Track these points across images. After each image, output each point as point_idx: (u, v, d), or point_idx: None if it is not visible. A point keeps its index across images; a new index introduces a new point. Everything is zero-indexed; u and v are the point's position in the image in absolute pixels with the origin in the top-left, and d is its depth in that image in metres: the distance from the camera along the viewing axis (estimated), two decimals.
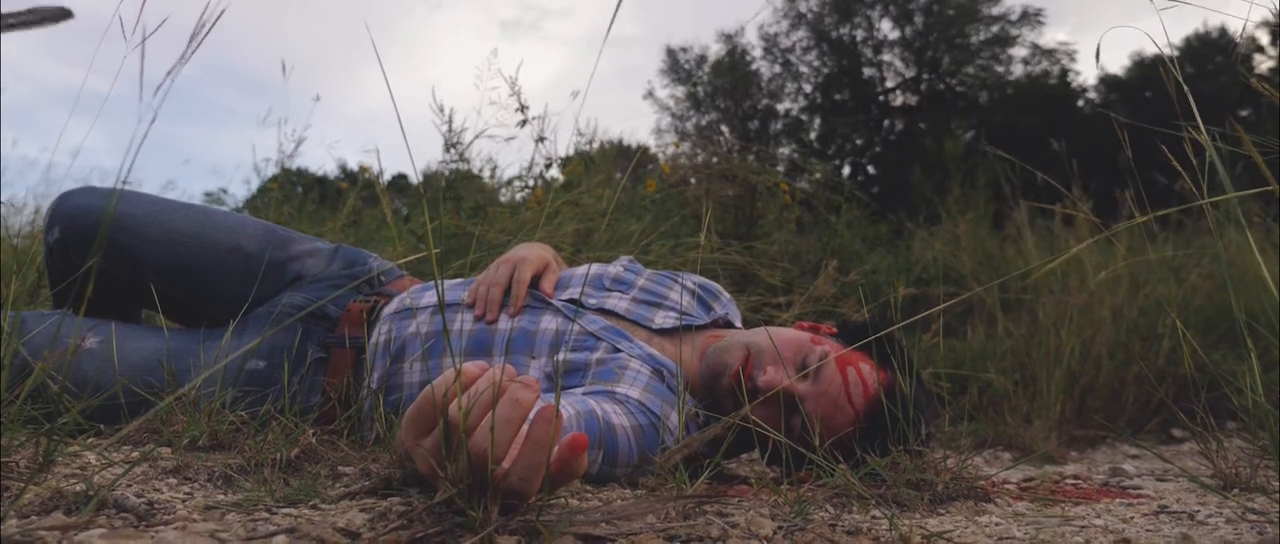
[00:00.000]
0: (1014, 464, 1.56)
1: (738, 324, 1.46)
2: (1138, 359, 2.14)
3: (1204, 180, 0.97)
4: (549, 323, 1.27)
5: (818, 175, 4.21)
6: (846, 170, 18.97)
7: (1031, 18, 18.80)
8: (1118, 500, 1.08)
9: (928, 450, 1.11)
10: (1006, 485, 1.20)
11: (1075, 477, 1.38)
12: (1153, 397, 2.08)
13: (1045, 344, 2.12)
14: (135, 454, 1.00)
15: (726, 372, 1.20)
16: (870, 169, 19.48)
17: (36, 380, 0.89)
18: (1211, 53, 19.11)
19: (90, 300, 1.46)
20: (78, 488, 0.75)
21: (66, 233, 1.45)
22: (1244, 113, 14.62)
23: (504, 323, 1.28)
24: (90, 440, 1.07)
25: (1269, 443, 1.00)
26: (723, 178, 3.18)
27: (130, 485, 0.84)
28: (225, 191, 4.66)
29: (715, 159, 3.54)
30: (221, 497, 0.84)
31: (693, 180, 3.57)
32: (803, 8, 19.14)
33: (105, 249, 1.42)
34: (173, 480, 0.90)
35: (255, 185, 4.31)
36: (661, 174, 3.56)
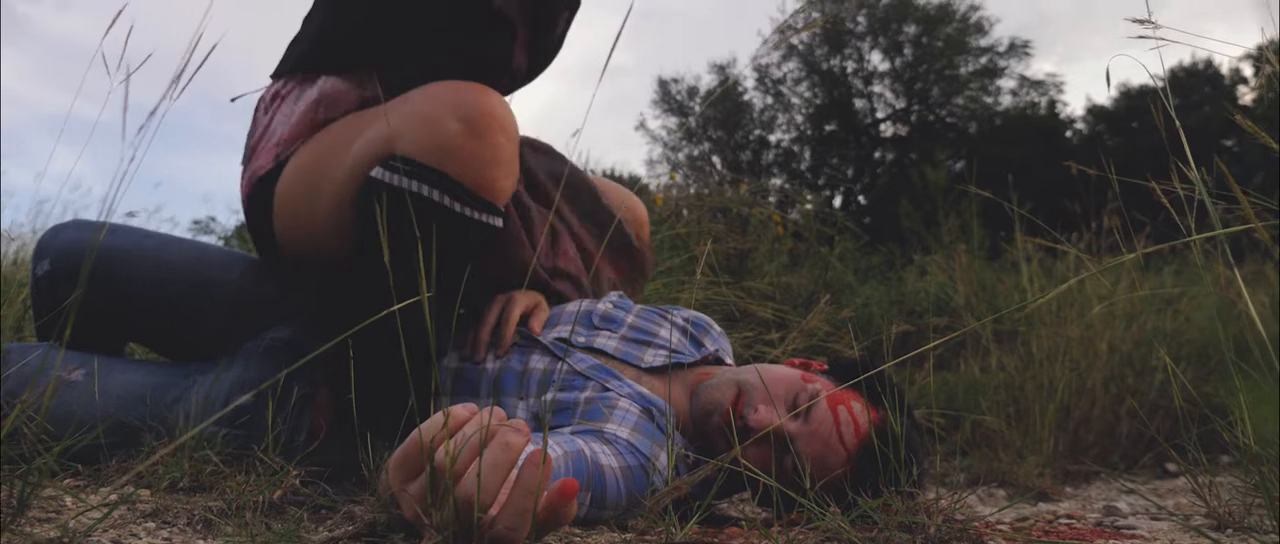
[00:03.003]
0: (1009, 502, 1.54)
1: (729, 359, 1.45)
2: (1131, 393, 2.13)
3: (1191, 217, 0.97)
4: (537, 362, 1.26)
5: (809, 206, 4.22)
6: (838, 201, 19.05)
7: (1019, 49, 19.03)
8: (1111, 542, 1.07)
9: (920, 491, 1.10)
10: (1000, 526, 1.19)
11: (1069, 516, 1.36)
12: (1147, 430, 2.07)
13: (1038, 377, 2.11)
14: (113, 496, 0.99)
15: (717, 410, 1.18)
16: (861, 199, 19.57)
17: (15, 420, 0.88)
18: (1197, 84, 19.33)
19: (78, 334, 1.44)
20: (52, 535, 0.74)
21: (57, 266, 1.44)
22: (1228, 142, 14.79)
23: (492, 362, 1.27)
24: (67, 482, 1.05)
25: (1260, 481, 0.99)
26: (715, 210, 3.18)
27: (107, 531, 0.83)
28: (213, 219, 4.65)
29: (706, 191, 3.54)
30: (201, 542, 0.82)
31: (685, 211, 3.58)
32: (794, 40, 19.30)
33: (95, 282, 1.41)
34: (151, 524, 0.88)
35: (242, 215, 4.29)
36: (654, 205, 3.57)
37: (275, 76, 1.45)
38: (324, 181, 1.28)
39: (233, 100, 1.53)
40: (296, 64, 1.42)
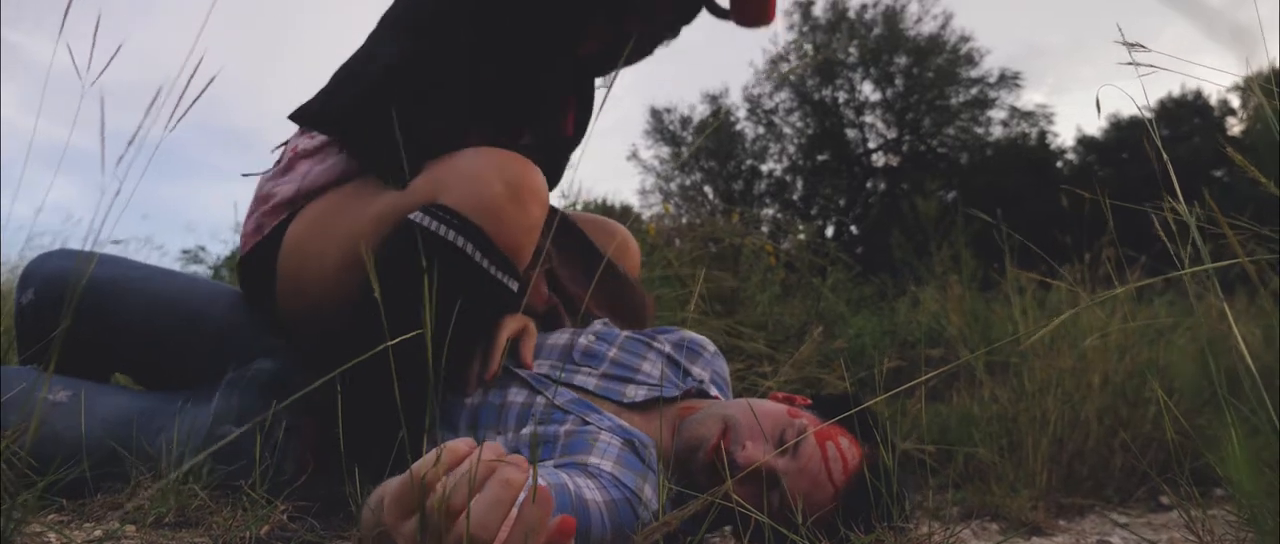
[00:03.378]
0: (1002, 537, 1.54)
1: (716, 388, 1.44)
2: (1124, 425, 2.12)
3: (1187, 250, 0.97)
4: (516, 396, 1.25)
5: (802, 235, 4.23)
6: (830, 231, 19.12)
7: (1009, 80, 19.19)
8: None
9: (911, 527, 1.09)
10: None
11: None
12: (1140, 464, 2.06)
13: (1032, 410, 2.11)
14: (98, 533, 0.98)
15: (702, 446, 1.17)
16: (853, 229, 19.64)
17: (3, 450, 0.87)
18: (1186, 115, 19.53)
19: (63, 363, 1.43)
20: None
21: (41, 295, 1.43)
22: (1218, 173, 14.91)
23: (475, 396, 1.26)
24: (51, 517, 1.03)
25: (1253, 516, 0.98)
26: (707, 240, 3.19)
27: None
28: (203, 249, 4.63)
29: (698, 221, 3.55)
30: None
31: (677, 241, 3.59)
32: (785, 69, 19.46)
33: (81, 312, 1.40)
34: None
35: (234, 243, 4.29)
36: (647, 235, 3.57)
37: (293, 119, 1.47)
38: (343, 222, 1.30)
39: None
40: (315, 120, 1.43)
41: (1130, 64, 1.03)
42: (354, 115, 1.36)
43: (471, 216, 1.16)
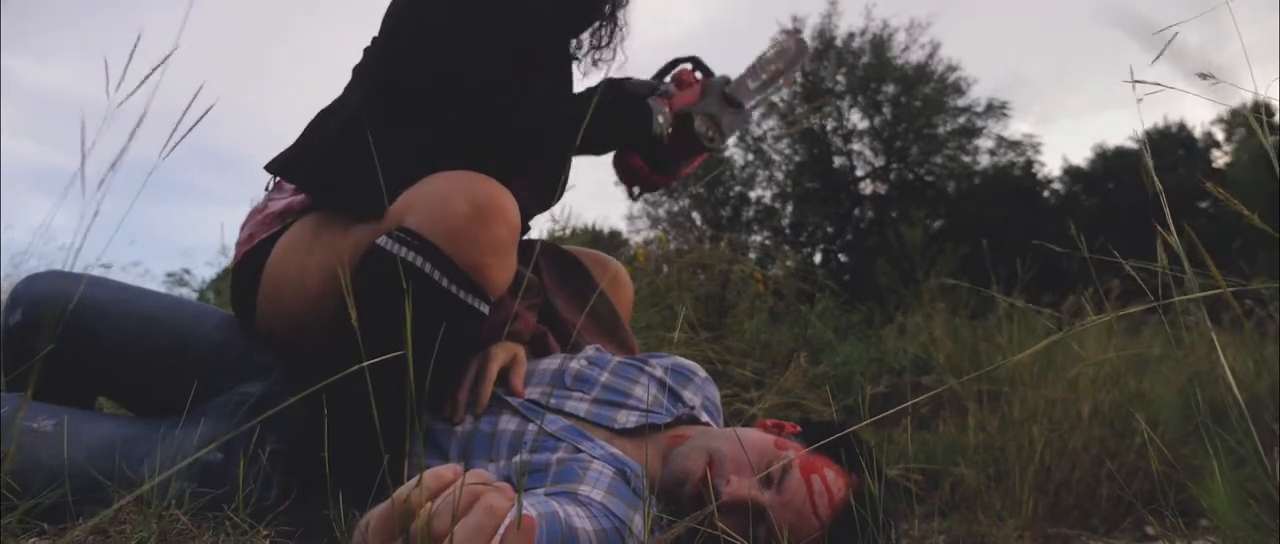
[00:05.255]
0: None
1: (707, 414, 1.43)
2: (1111, 455, 2.13)
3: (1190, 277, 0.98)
4: (507, 423, 1.24)
5: (789, 263, 4.24)
6: (818, 258, 19.16)
7: (996, 110, 19.31)
8: None
9: None
10: None
11: None
12: (1125, 495, 2.06)
13: (1019, 438, 2.11)
14: None
15: (689, 480, 1.16)
16: (842, 257, 19.69)
17: None
18: (1170, 146, 19.73)
19: (50, 386, 1.42)
20: None
21: (28, 317, 1.43)
22: (1203, 204, 15.05)
23: (465, 424, 1.26)
24: (32, 541, 1.02)
25: None
26: (696, 267, 3.19)
27: None
28: (188, 272, 4.61)
29: (686, 247, 3.55)
30: None
31: (665, 268, 3.59)
32: (774, 98, 19.55)
33: (68, 333, 1.39)
34: None
35: (220, 266, 4.27)
36: (635, 260, 3.58)
37: (268, 170, 1.48)
38: (326, 241, 1.30)
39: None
40: (284, 171, 1.45)
41: (1133, 82, 1.03)
42: (321, 170, 1.37)
43: (432, 237, 1.17)
